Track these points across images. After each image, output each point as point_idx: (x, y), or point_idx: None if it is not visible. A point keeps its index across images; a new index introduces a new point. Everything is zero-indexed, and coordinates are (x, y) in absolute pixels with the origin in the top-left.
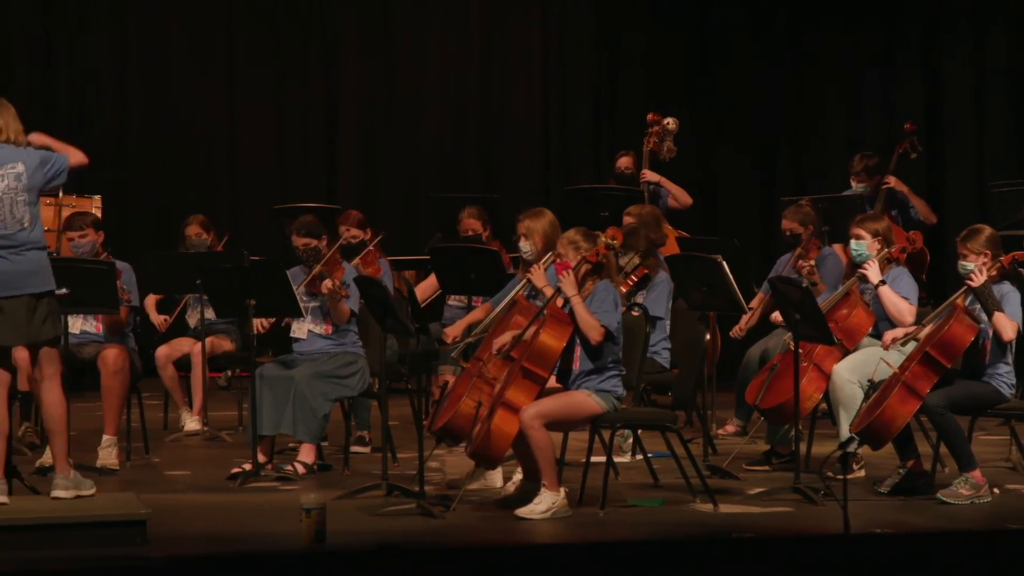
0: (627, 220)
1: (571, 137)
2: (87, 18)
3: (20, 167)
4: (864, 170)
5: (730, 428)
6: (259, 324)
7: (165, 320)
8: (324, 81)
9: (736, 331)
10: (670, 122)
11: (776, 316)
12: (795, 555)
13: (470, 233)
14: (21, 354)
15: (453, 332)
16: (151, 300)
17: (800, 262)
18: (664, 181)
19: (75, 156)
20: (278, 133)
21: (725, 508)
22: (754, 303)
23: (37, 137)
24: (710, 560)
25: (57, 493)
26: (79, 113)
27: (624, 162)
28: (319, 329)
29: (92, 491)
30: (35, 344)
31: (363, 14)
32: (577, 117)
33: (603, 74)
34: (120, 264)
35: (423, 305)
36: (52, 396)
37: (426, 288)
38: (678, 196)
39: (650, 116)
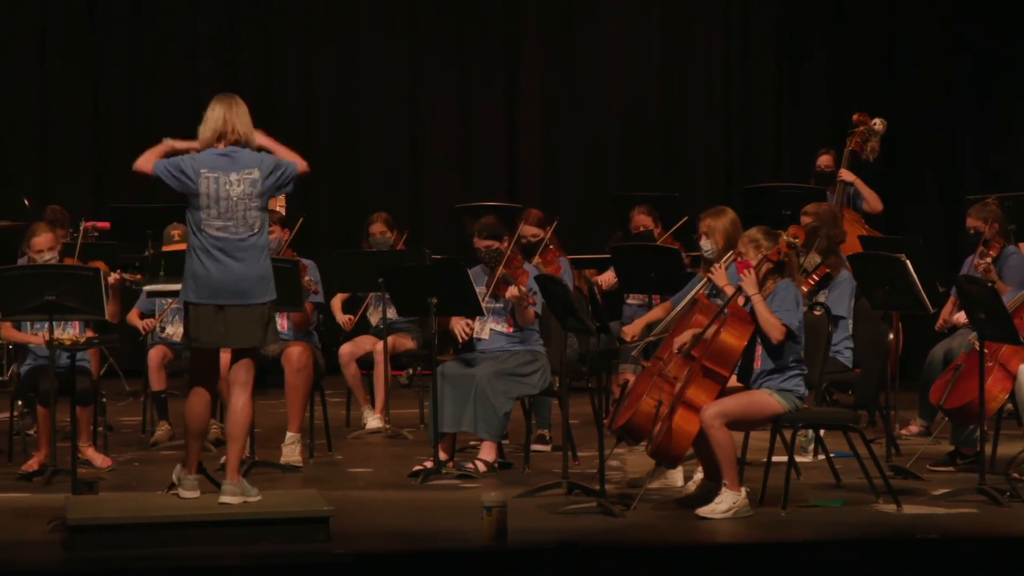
0: (804, 220)
1: (752, 135)
2: (272, 16)
3: (256, 173)
4: None
5: (913, 428)
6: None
7: (350, 319)
8: (506, 79)
9: (941, 324)
10: (877, 123)
11: (959, 318)
12: (980, 557)
13: (641, 230)
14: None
15: (632, 331)
16: (337, 300)
17: (977, 260)
18: (859, 183)
19: (299, 165)
20: (460, 131)
21: (909, 509)
22: (950, 305)
23: (261, 138)
24: (893, 561)
25: (225, 499)
26: (263, 112)
27: (824, 160)
28: (501, 328)
29: (258, 498)
30: (240, 350)
31: (544, 13)
32: (759, 115)
33: (785, 72)
34: (305, 261)
35: (605, 289)
36: (240, 403)
37: (608, 278)
38: (870, 201)
39: (856, 116)
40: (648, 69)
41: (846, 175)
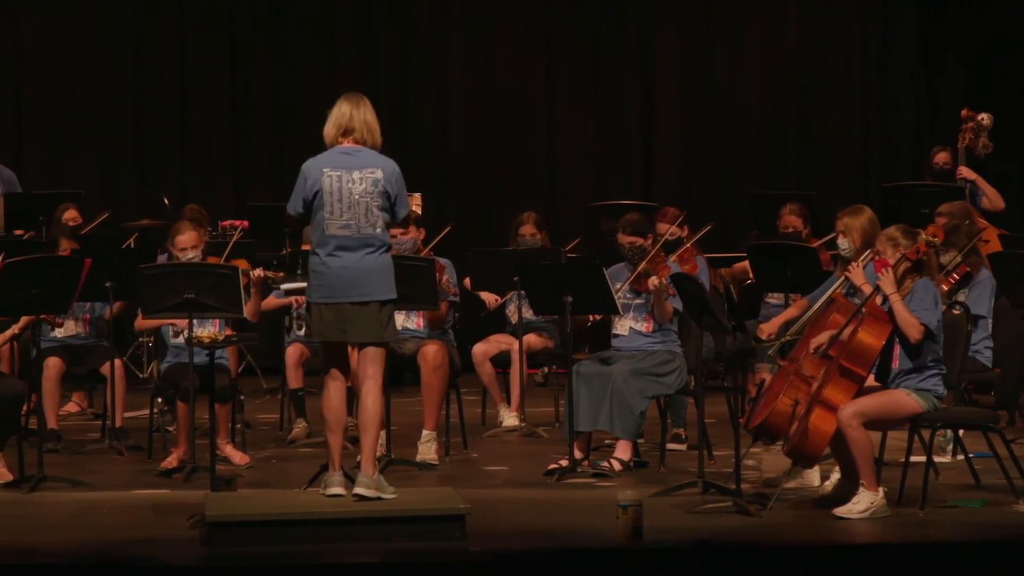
0: (939, 220)
1: (890, 133)
2: (410, 16)
3: (379, 173)
4: None
5: None
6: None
7: (496, 299)
8: (641, 77)
9: None
10: (984, 118)
11: None
12: None
13: (790, 230)
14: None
15: (769, 329)
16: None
17: None
18: (980, 181)
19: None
20: (595, 129)
21: None
22: None
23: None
24: None
25: (359, 490)
26: (401, 111)
27: (941, 158)
28: (640, 326)
29: (394, 495)
30: (368, 345)
31: (681, 8)
32: (897, 113)
33: (923, 71)
34: (442, 260)
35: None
36: (371, 396)
37: (738, 271)
38: (992, 198)
39: (964, 112)
40: (786, 65)
41: (967, 172)
